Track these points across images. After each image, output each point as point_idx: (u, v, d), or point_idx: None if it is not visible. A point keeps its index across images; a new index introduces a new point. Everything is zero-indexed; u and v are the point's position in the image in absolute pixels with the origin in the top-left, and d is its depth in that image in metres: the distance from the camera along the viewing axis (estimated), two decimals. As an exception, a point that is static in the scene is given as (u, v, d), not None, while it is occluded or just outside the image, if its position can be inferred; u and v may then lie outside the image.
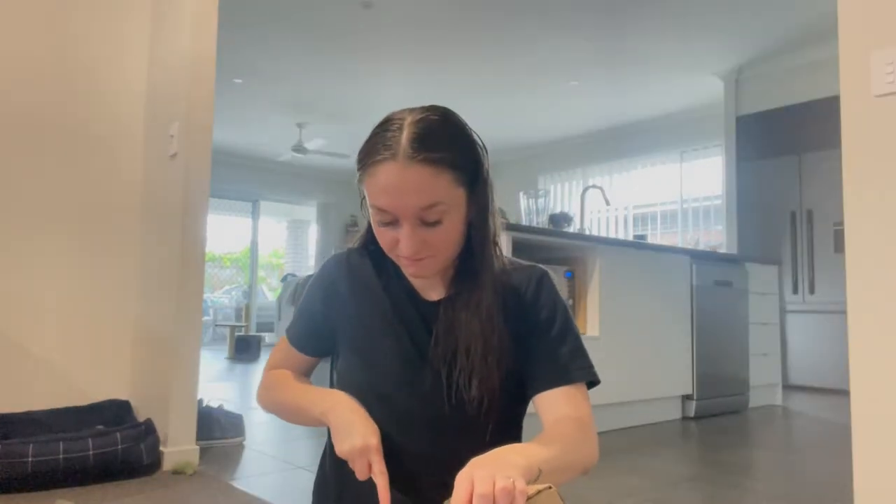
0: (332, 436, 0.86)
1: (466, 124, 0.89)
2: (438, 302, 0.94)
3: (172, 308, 2.37)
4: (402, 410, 0.90)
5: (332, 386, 1.01)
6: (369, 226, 0.97)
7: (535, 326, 0.93)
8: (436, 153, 0.81)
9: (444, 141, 0.83)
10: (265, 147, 8.47)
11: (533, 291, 0.94)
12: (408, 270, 0.91)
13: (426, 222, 0.83)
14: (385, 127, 0.84)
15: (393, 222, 0.84)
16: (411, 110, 0.86)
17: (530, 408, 0.95)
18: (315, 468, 1.04)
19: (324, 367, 1.07)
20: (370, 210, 0.87)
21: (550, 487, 0.64)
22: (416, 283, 0.97)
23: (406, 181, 0.80)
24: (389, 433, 0.88)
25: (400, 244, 0.84)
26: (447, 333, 0.90)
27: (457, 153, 0.84)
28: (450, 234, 0.86)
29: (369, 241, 0.99)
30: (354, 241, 1.03)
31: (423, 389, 0.90)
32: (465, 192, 0.86)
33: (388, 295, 0.96)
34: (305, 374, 1.05)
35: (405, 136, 0.81)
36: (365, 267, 0.98)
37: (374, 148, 0.83)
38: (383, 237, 0.87)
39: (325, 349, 1.03)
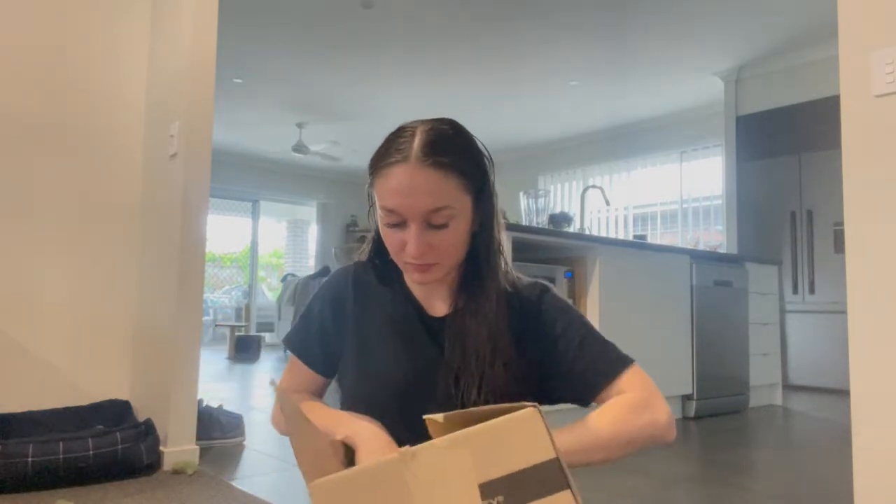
0: (359, 456, 0.82)
1: (474, 136, 0.92)
2: (445, 317, 0.95)
3: (172, 308, 2.36)
4: (410, 424, 0.89)
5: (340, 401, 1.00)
6: (374, 238, 1.00)
7: (555, 343, 0.93)
8: (445, 158, 0.85)
9: (454, 148, 0.87)
10: (265, 147, 8.46)
11: (540, 311, 0.95)
12: (412, 276, 0.92)
13: (433, 225, 0.86)
14: (398, 134, 0.88)
15: (401, 224, 0.86)
16: (423, 121, 0.90)
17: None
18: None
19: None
20: (379, 212, 0.89)
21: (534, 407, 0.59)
22: (422, 297, 0.98)
23: (416, 183, 0.84)
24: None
25: (407, 246, 0.86)
26: (456, 345, 0.91)
27: (465, 161, 0.88)
28: (455, 240, 0.88)
29: (374, 255, 1.01)
30: (361, 254, 1.03)
31: (433, 403, 0.89)
32: (471, 200, 0.89)
33: (394, 310, 0.97)
34: (318, 395, 1.02)
35: (417, 142, 0.85)
36: (371, 281, 0.99)
37: (387, 152, 0.87)
38: (391, 239, 0.89)
39: (334, 367, 1.01)
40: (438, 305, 0.97)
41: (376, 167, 0.87)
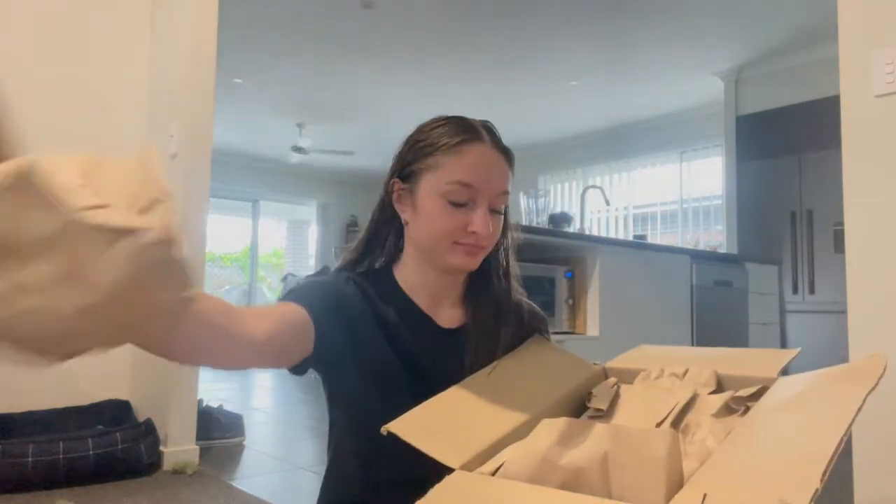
0: None
1: None
2: (458, 329, 0.93)
3: (172, 308, 2.36)
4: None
5: (336, 418, 0.94)
6: (367, 239, 0.95)
7: None
8: (507, 149, 0.93)
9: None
10: (265, 147, 8.46)
11: (544, 328, 1.01)
12: (458, 259, 0.88)
13: (494, 209, 0.89)
14: (459, 119, 0.91)
15: (467, 203, 0.86)
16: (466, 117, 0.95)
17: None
18: (315, 468, 1.03)
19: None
20: (444, 188, 0.85)
21: None
22: (427, 307, 0.93)
23: (494, 163, 0.89)
24: (412, 465, 0.69)
25: (472, 225, 0.85)
26: (477, 357, 0.88)
27: (512, 159, 0.94)
28: (500, 230, 0.91)
29: (357, 263, 0.95)
30: (345, 262, 0.95)
31: None
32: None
33: (401, 323, 0.90)
34: (281, 322, 0.78)
35: (484, 128, 0.90)
36: (372, 294, 0.91)
37: (456, 132, 0.88)
38: (451, 220, 0.86)
39: (321, 335, 0.82)
40: (445, 315, 0.94)
41: (450, 144, 0.86)
